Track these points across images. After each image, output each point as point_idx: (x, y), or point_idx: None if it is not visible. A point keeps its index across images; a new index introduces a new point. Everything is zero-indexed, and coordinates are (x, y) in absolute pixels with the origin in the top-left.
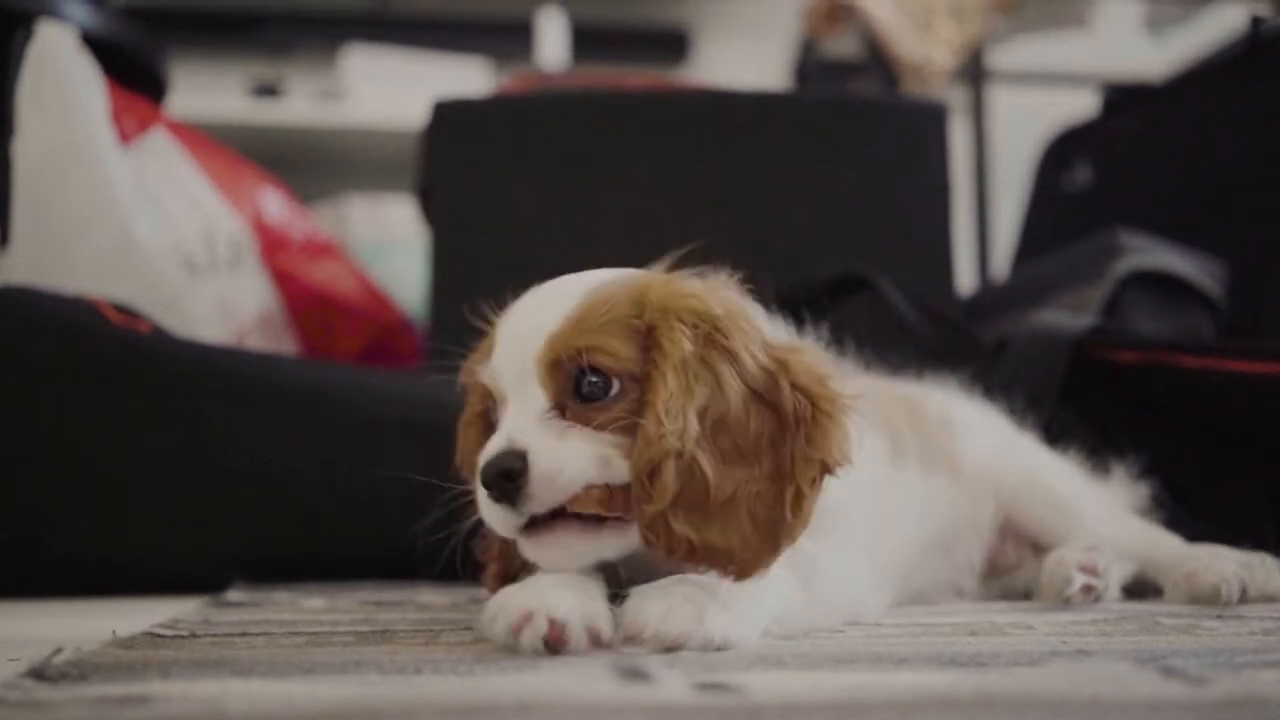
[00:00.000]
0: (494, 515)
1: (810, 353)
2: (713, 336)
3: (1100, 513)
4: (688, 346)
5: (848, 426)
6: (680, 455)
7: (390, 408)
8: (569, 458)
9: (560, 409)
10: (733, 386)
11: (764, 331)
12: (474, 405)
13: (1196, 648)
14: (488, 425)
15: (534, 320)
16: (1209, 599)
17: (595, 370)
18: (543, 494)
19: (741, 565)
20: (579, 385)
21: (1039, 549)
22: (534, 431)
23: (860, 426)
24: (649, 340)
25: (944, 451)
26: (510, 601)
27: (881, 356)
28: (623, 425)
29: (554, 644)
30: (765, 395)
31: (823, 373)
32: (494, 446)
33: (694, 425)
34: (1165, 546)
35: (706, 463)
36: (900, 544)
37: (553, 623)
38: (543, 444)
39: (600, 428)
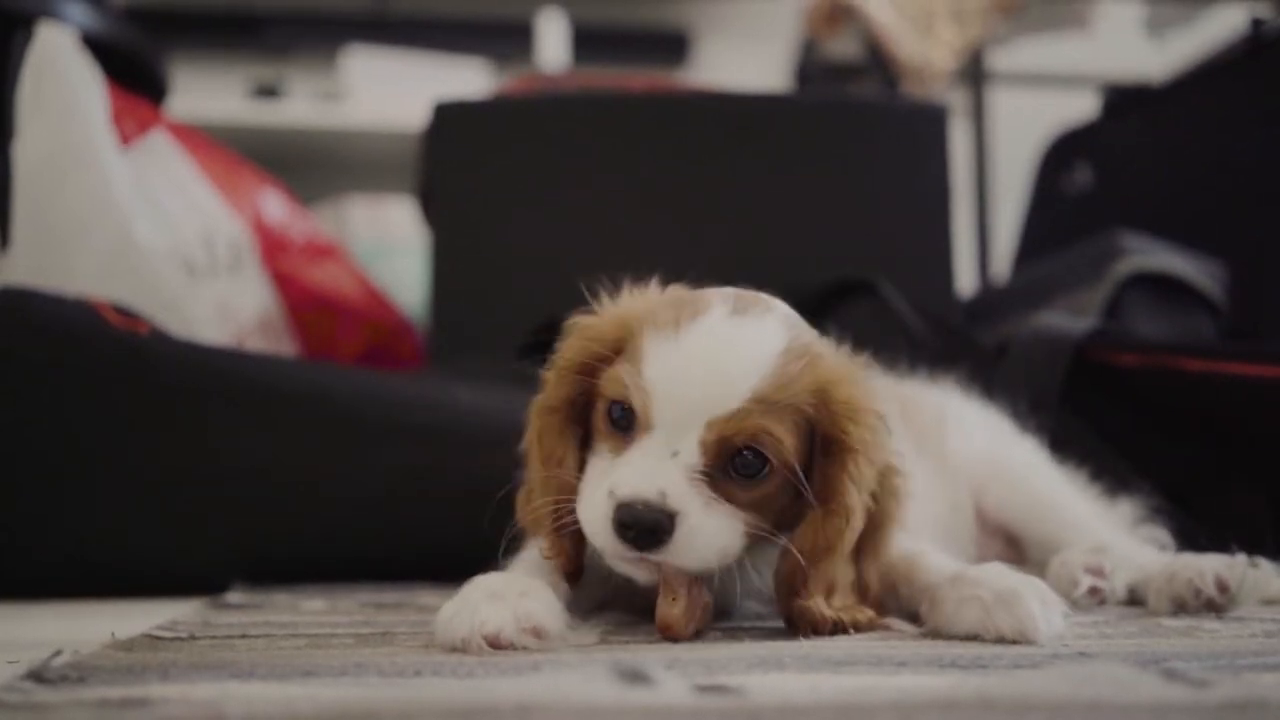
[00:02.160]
0: (608, 540)
1: (901, 460)
2: (876, 455)
3: (1086, 519)
4: (868, 471)
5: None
6: (842, 555)
7: (391, 409)
8: (714, 538)
9: (710, 476)
10: (868, 493)
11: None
12: (564, 390)
13: (1198, 650)
14: (576, 416)
15: (716, 373)
16: (1188, 597)
17: (756, 451)
18: (678, 561)
19: (835, 631)
20: (734, 459)
21: (1027, 549)
22: (687, 493)
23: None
24: (824, 441)
25: (933, 446)
26: (452, 620)
27: (882, 359)
28: (758, 503)
29: (497, 649)
30: (874, 493)
31: (901, 476)
32: (639, 486)
33: (856, 529)
34: (1148, 555)
35: (845, 556)
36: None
37: (487, 636)
38: (695, 513)
39: (738, 504)
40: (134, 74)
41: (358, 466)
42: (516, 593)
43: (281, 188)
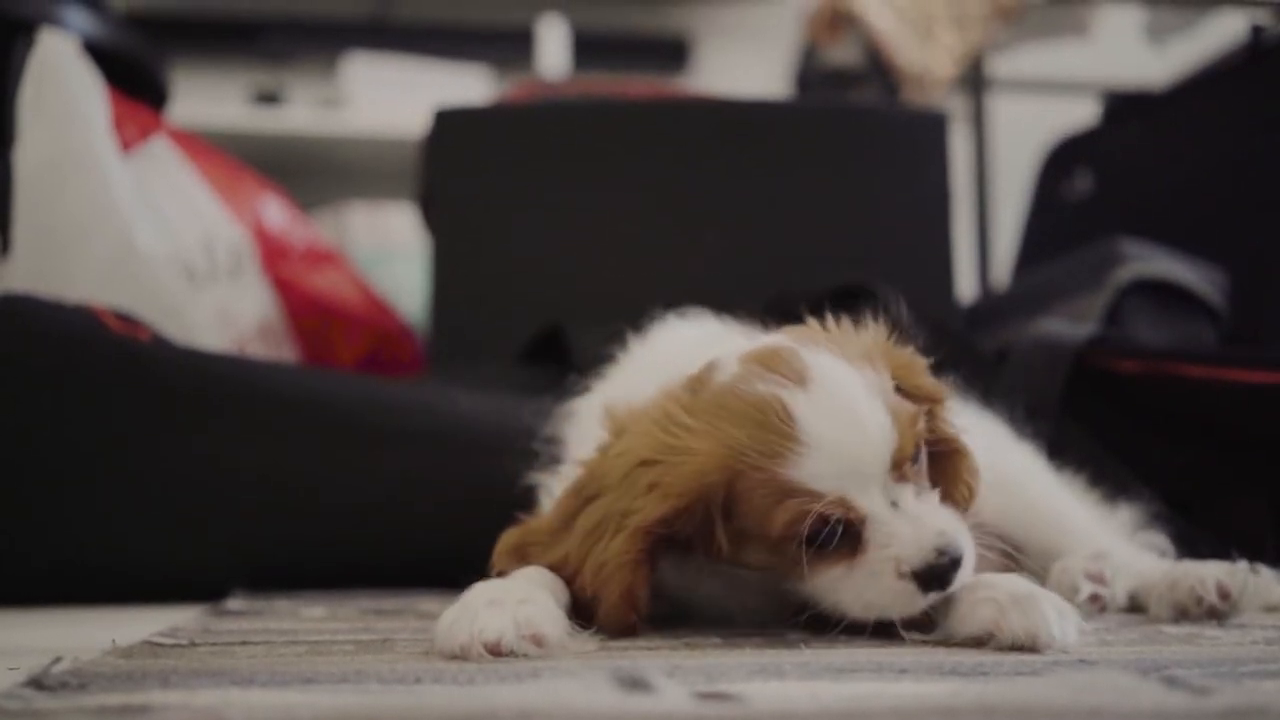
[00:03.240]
0: (909, 603)
1: None
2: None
3: (1087, 526)
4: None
5: None
6: None
7: (391, 416)
8: (970, 548)
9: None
10: None
11: None
12: (670, 508)
13: (1199, 657)
14: (667, 542)
15: (860, 430)
16: (1190, 605)
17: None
18: (959, 582)
19: None
20: (919, 451)
21: (1027, 557)
22: (955, 525)
23: None
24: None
25: None
26: (452, 627)
27: None
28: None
29: (498, 656)
30: None
31: None
32: (930, 540)
33: None
34: (1148, 562)
35: None
36: None
37: (487, 643)
38: (968, 543)
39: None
40: (135, 80)
41: (358, 473)
42: (516, 600)
43: (282, 194)
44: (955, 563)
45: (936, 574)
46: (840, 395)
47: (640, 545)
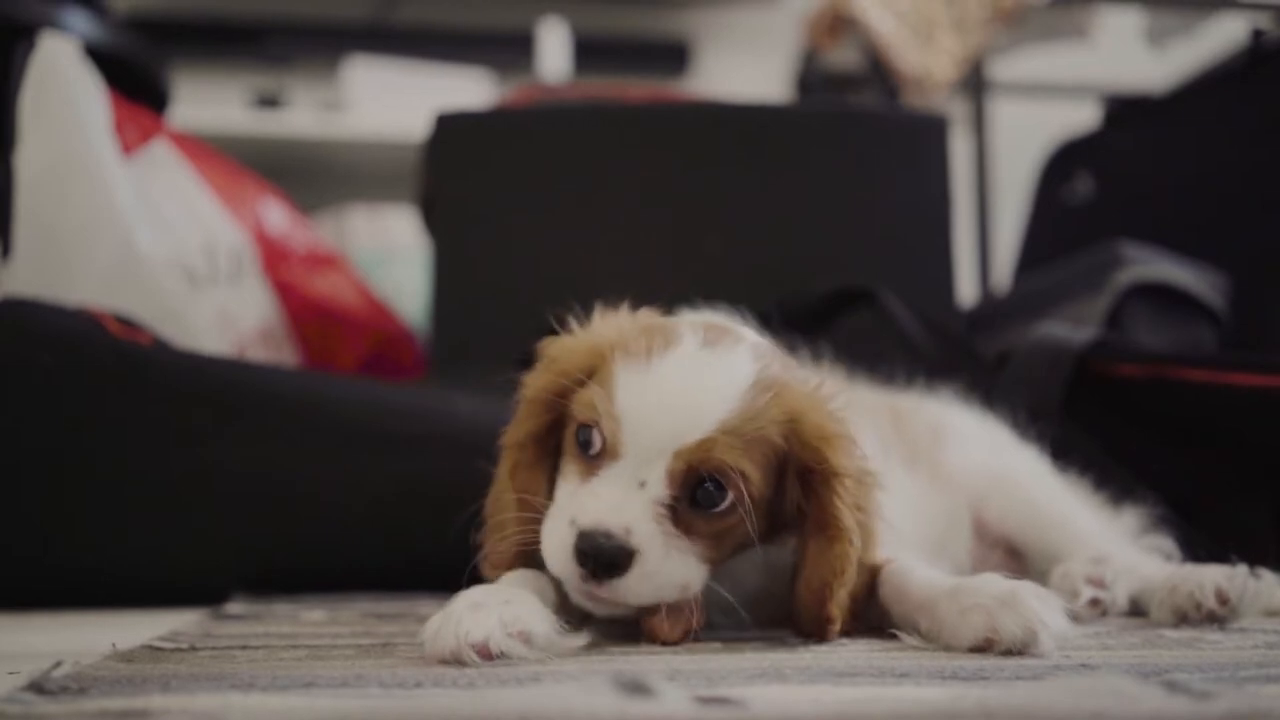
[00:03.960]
0: (565, 566)
1: (870, 464)
2: (857, 473)
3: (1088, 530)
4: (854, 490)
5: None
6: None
7: (392, 419)
8: (671, 576)
9: (674, 508)
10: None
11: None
12: (534, 423)
13: (1200, 662)
14: (546, 450)
15: (686, 403)
16: (1189, 609)
17: (719, 484)
18: (630, 597)
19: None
20: (696, 490)
21: (1030, 560)
22: (650, 532)
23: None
24: (803, 472)
25: (927, 456)
26: (438, 633)
27: (882, 369)
28: (719, 534)
29: (488, 659)
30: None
31: (877, 484)
32: (603, 517)
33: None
34: (1150, 566)
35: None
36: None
37: (475, 645)
38: (654, 554)
39: (697, 535)
40: (136, 83)
41: (358, 476)
42: (501, 601)
43: (283, 197)
44: (610, 564)
45: (585, 552)
46: (672, 375)
47: (513, 457)
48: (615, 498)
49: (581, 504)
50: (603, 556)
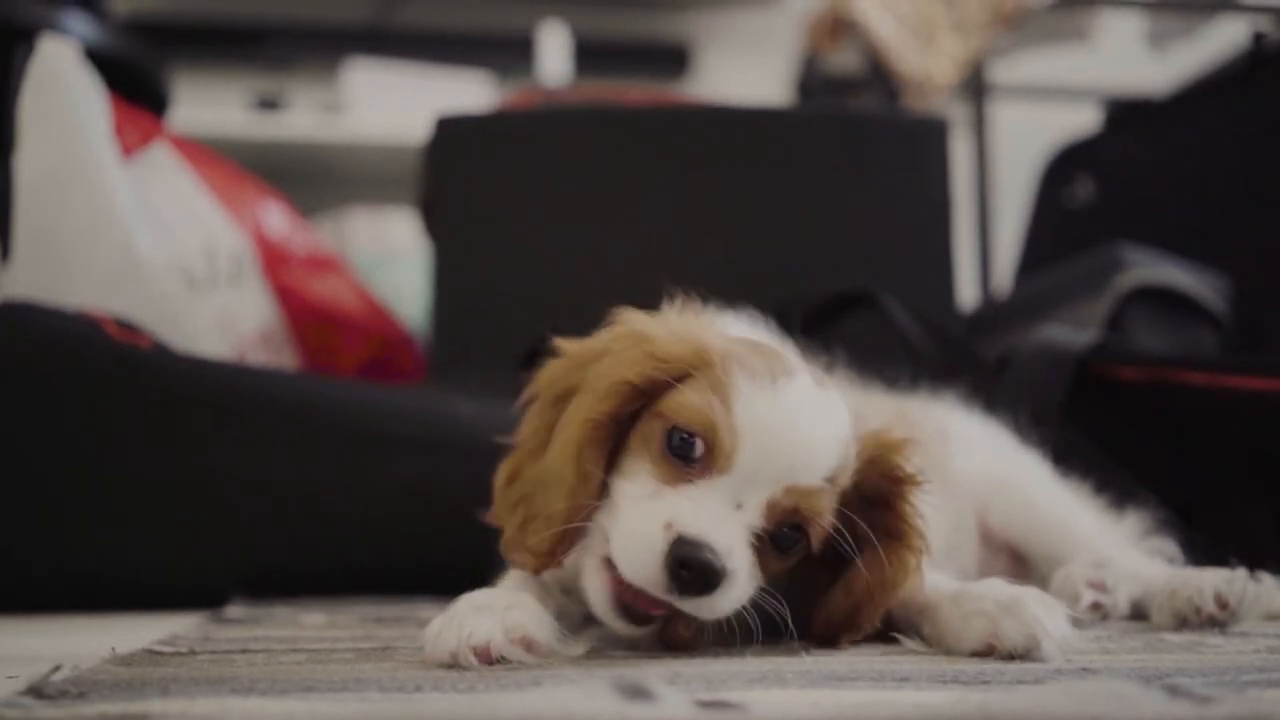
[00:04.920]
0: (651, 572)
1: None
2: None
3: (1090, 534)
4: (917, 510)
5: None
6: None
7: (392, 422)
8: (740, 601)
9: (761, 539)
10: None
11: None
12: (616, 404)
13: (1201, 666)
14: (617, 432)
15: (808, 444)
16: (1189, 614)
17: (802, 530)
18: (708, 614)
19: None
20: (780, 528)
21: (1033, 565)
22: (744, 554)
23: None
24: (869, 493)
25: (934, 462)
26: (440, 635)
27: (883, 372)
28: (776, 572)
29: (488, 663)
30: None
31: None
32: (709, 531)
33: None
34: (1152, 569)
35: None
36: None
37: (476, 648)
38: (741, 578)
39: (766, 569)
40: (136, 86)
41: (358, 480)
42: (503, 606)
43: (283, 200)
44: (702, 578)
45: (685, 563)
46: (800, 408)
47: (584, 434)
48: (717, 513)
49: (680, 510)
50: (704, 572)
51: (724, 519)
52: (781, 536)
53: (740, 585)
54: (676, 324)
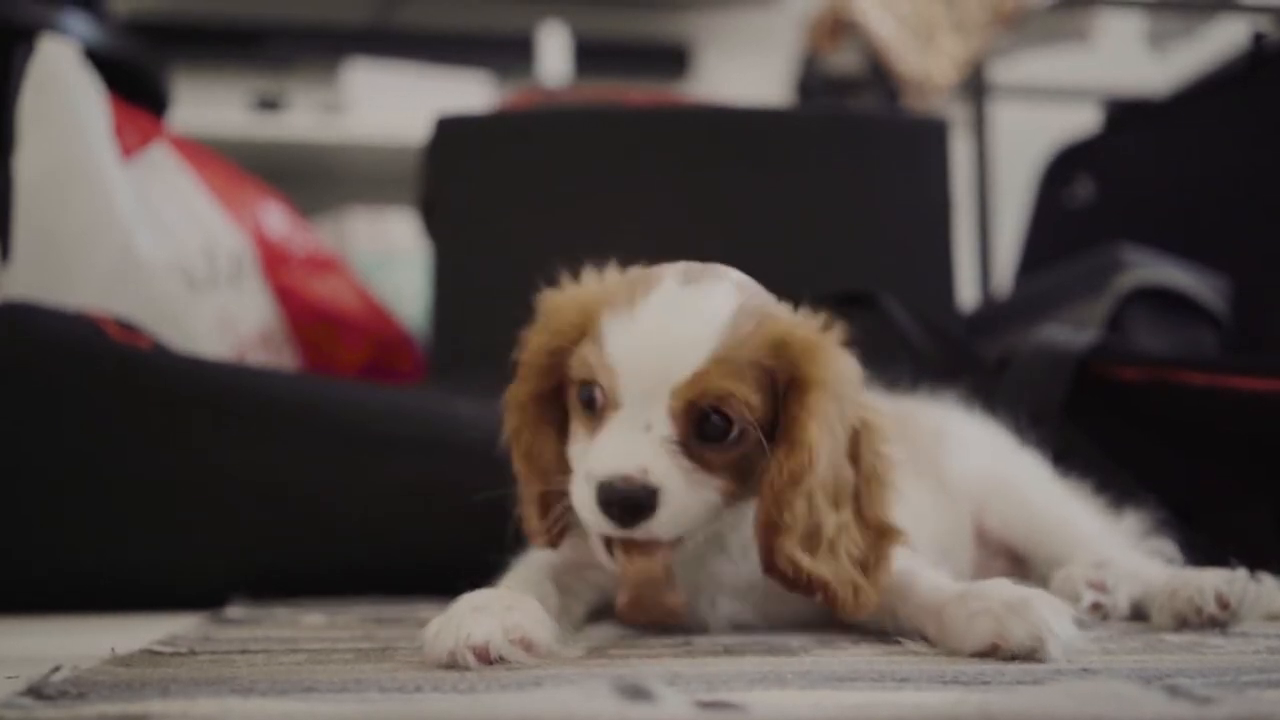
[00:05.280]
0: (595, 519)
1: (884, 416)
2: (842, 397)
3: (1090, 534)
4: (832, 405)
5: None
6: (810, 496)
7: (392, 423)
8: (695, 507)
9: (685, 444)
10: (842, 441)
11: (859, 384)
12: (534, 383)
13: (1202, 666)
14: (550, 406)
15: (674, 341)
16: (1190, 614)
17: (722, 414)
18: (662, 532)
19: (845, 600)
20: (703, 423)
21: (1032, 566)
22: (666, 466)
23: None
24: (785, 386)
25: (930, 462)
26: (438, 635)
27: (883, 373)
28: (732, 465)
29: (487, 663)
30: (852, 452)
31: (889, 438)
32: (616, 463)
33: (825, 474)
34: (1152, 570)
35: (823, 505)
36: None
37: (475, 648)
38: (674, 486)
39: (713, 468)
40: (136, 87)
41: (358, 480)
42: (503, 606)
43: (283, 200)
44: (634, 508)
45: (609, 502)
46: (657, 316)
47: (516, 418)
48: (624, 444)
49: (595, 456)
50: (628, 502)
51: (634, 445)
52: (710, 429)
53: (679, 496)
54: (574, 288)
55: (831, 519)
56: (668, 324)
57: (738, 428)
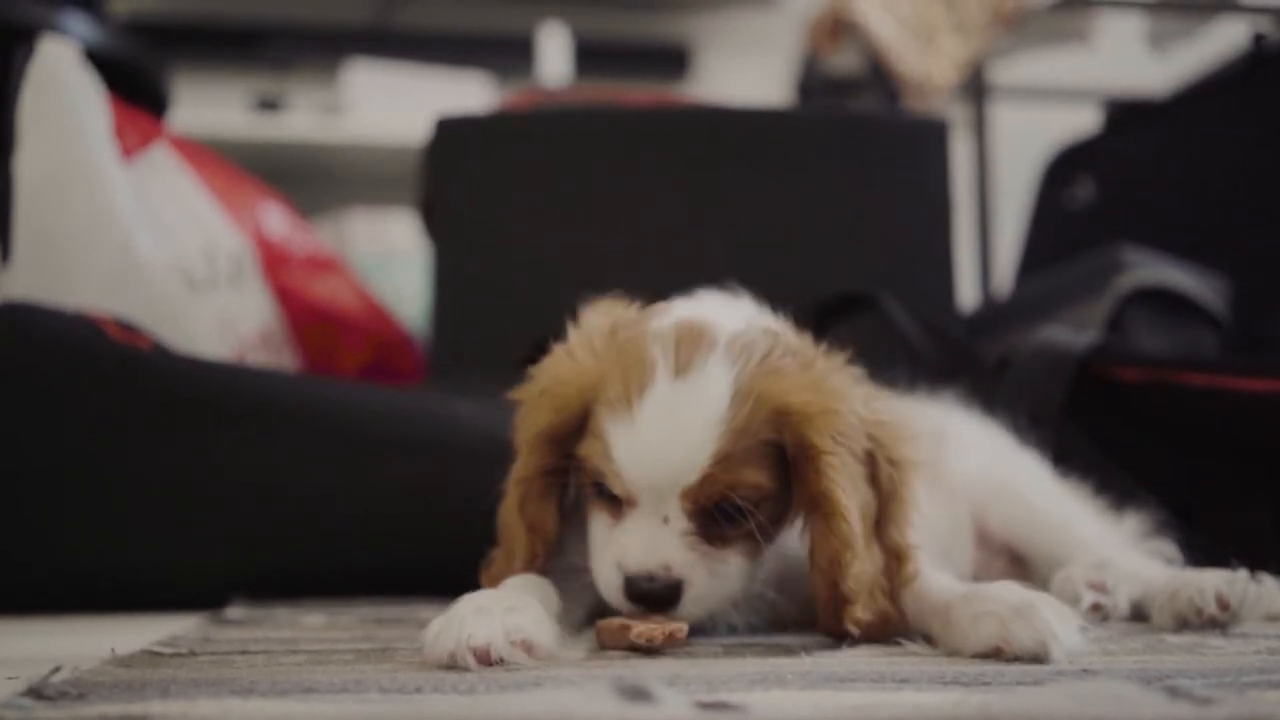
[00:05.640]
0: (621, 604)
1: (891, 417)
2: (850, 437)
3: (1090, 535)
4: (844, 462)
5: (918, 496)
6: (860, 553)
7: (392, 423)
8: (718, 591)
9: (704, 528)
10: (859, 475)
11: (858, 399)
12: (537, 460)
13: (1202, 667)
14: (552, 480)
15: (675, 447)
16: (1190, 615)
17: (734, 501)
18: (687, 616)
19: (874, 629)
20: (716, 511)
21: (1033, 567)
22: (687, 560)
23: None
24: (795, 450)
25: (931, 463)
26: (439, 636)
27: (883, 374)
28: (749, 534)
29: (487, 665)
30: (869, 475)
31: (903, 439)
32: (641, 559)
33: (858, 522)
34: (1153, 570)
35: (864, 551)
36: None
37: (475, 650)
38: (699, 578)
39: (730, 542)
40: (136, 87)
41: (358, 481)
42: (505, 608)
43: (283, 201)
44: (660, 600)
45: (637, 595)
46: (655, 424)
47: (520, 492)
48: (647, 539)
49: (622, 547)
50: (654, 597)
51: (655, 540)
52: (724, 513)
53: (701, 584)
54: (576, 364)
55: (869, 563)
56: (667, 431)
57: (750, 512)
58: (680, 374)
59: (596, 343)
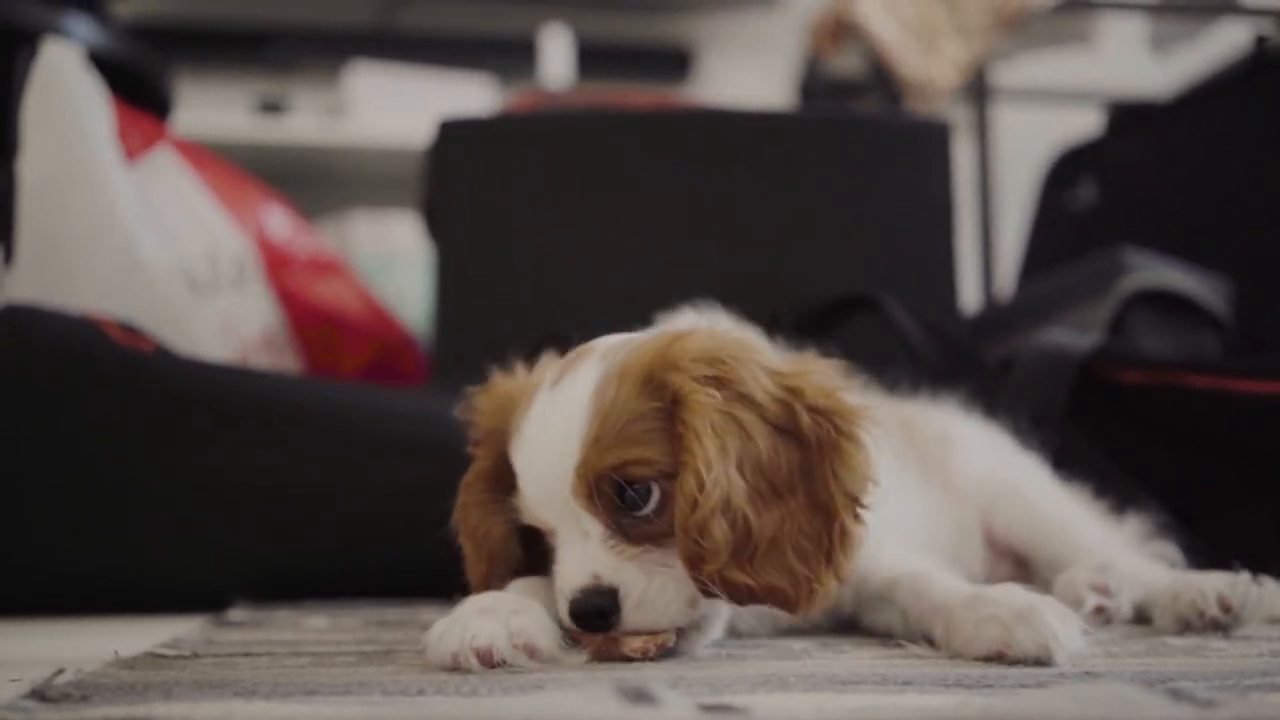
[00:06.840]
0: (577, 630)
1: (817, 370)
2: (727, 383)
3: (1093, 537)
4: (710, 401)
5: (867, 442)
6: (726, 509)
7: (394, 425)
8: (662, 590)
9: (617, 526)
10: (757, 429)
11: (769, 358)
12: (482, 461)
13: (1205, 670)
14: (497, 484)
15: (550, 452)
16: (1193, 617)
17: (628, 484)
18: (637, 623)
19: (798, 599)
20: (621, 496)
21: (1035, 569)
22: (612, 565)
23: (877, 436)
24: (672, 410)
25: (938, 466)
26: (442, 637)
27: (886, 376)
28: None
29: (490, 666)
30: (785, 427)
31: (833, 388)
32: (574, 580)
33: (735, 479)
34: (1155, 573)
35: (748, 510)
36: (924, 548)
37: (478, 651)
38: (630, 578)
39: (660, 539)
40: (139, 90)
41: (361, 483)
42: (509, 610)
43: (285, 203)
44: (599, 613)
45: (578, 616)
46: (535, 438)
47: (463, 497)
48: (575, 558)
49: (560, 575)
50: (594, 609)
51: (583, 556)
52: (630, 503)
53: (638, 585)
54: (500, 387)
55: (768, 518)
56: (541, 439)
57: (655, 487)
58: (554, 385)
59: (510, 383)
